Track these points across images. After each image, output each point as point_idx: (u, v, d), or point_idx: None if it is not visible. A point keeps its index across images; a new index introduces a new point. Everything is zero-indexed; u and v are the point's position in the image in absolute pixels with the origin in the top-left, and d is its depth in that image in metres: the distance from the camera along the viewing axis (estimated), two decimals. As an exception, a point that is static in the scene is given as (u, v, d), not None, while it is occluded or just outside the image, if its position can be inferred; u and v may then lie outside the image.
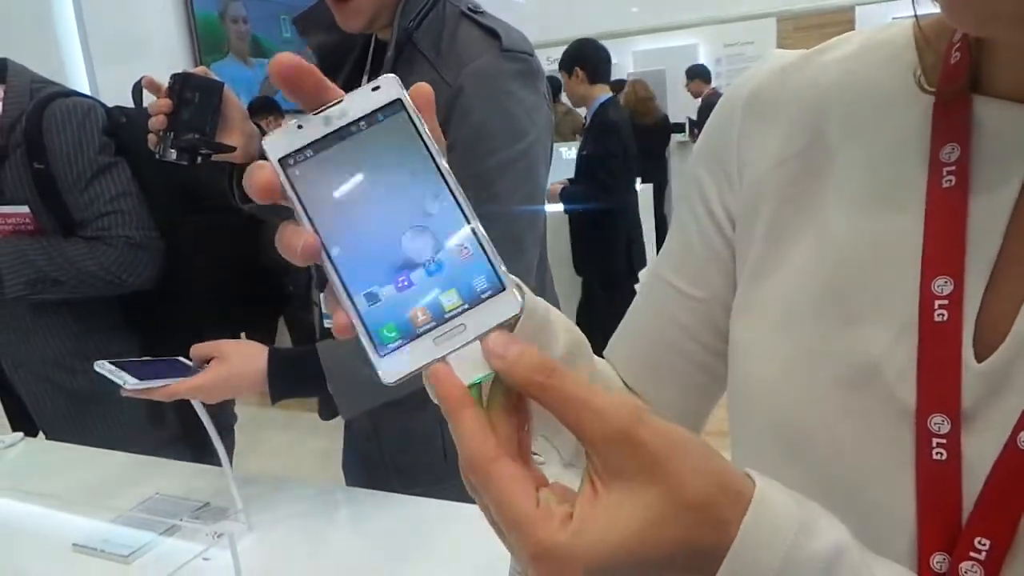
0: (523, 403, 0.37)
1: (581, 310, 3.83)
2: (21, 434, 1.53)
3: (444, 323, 0.35)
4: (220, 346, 1.05)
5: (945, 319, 0.43)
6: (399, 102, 0.36)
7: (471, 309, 0.34)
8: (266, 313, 1.71)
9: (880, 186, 0.49)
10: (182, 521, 1.08)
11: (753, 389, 0.54)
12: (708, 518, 0.33)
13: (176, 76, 1.10)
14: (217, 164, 1.25)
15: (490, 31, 1.07)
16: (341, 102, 0.36)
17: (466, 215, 0.35)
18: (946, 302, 0.44)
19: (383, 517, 1.11)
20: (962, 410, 0.43)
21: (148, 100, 1.55)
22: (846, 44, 0.54)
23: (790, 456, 0.50)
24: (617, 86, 7.14)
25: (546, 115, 1.12)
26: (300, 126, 0.36)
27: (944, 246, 0.44)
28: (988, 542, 0.41)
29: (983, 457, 0.42)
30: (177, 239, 1.51)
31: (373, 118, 0.36)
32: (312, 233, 0.36)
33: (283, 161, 0.36)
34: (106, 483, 1.30)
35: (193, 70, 1.11)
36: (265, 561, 1.02)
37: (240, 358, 1.06)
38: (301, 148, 0.36)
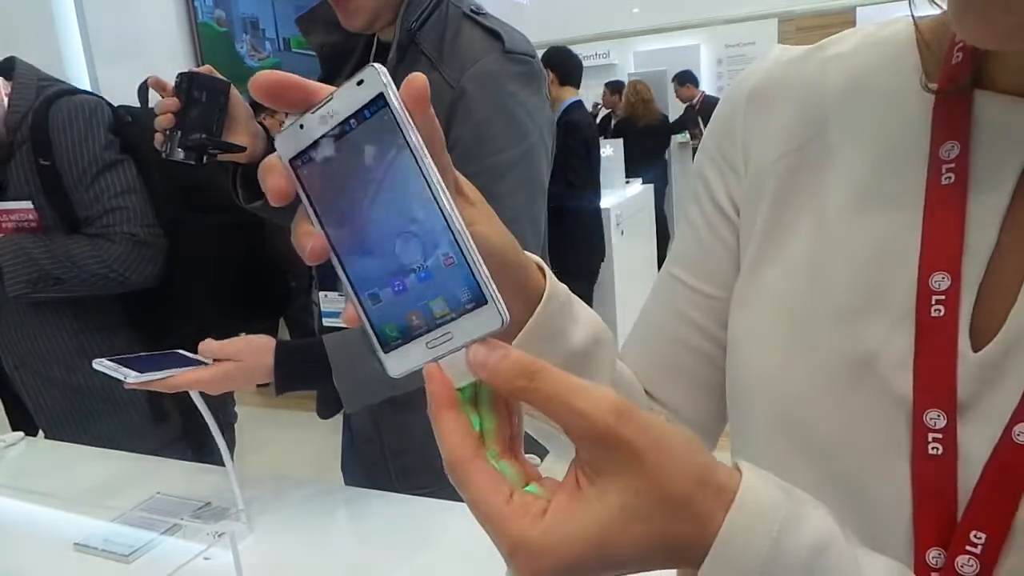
0: (509, 403, 0.37)
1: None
2: (22, 433, 1.54)
3: (435, 328, 0.35)
4: (227, 347, 1.05)
5: (942, 314, 0.44)
6: (382, 96, 0.34)
7: (457, 319, 0.34)
8: (267, 313, 1.71)
9: (880, 182, 0.49)
10: (183, 520, 1.08)
11: (751, 380, 0.54)
12: (688, 512, 0.33)
13: (183, 75, 1.09)
14: (221, 163, 1.25)
15: (492, 32, 1.08)
16: (331, 99, 0.35)
17: (448, 220, 0.34)
18: (943, 297, 0.44)
19: (383, 516, 1.11)
20: (958, 401, 0.43)
21: (153, 100, 1.56)
22: (848, 40, 0.55)
23: (789, 448, 0.51)
24: (615, 87, 7.16)
25: (547, 117, 1.12)
26: (302, 126, 0.36)
27: (942, 243, 0.45)
28: (984, 536, 0.41)
29: (979, 449, 0.42)
30: (180, 238, 1.51)
31: (360, 115, 0.35)
32: (321, 234, 0.36)
33: (293, 162, 0.36)
34: (107, 483, 1.30)
35: (198, 69, 1.11)
36: (266, 561, 1.02)
37: (248, 353, 1.05)
38: (306, 149, 0.36)
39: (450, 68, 1.06)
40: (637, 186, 4.77)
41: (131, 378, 0.99)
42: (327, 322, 1.21)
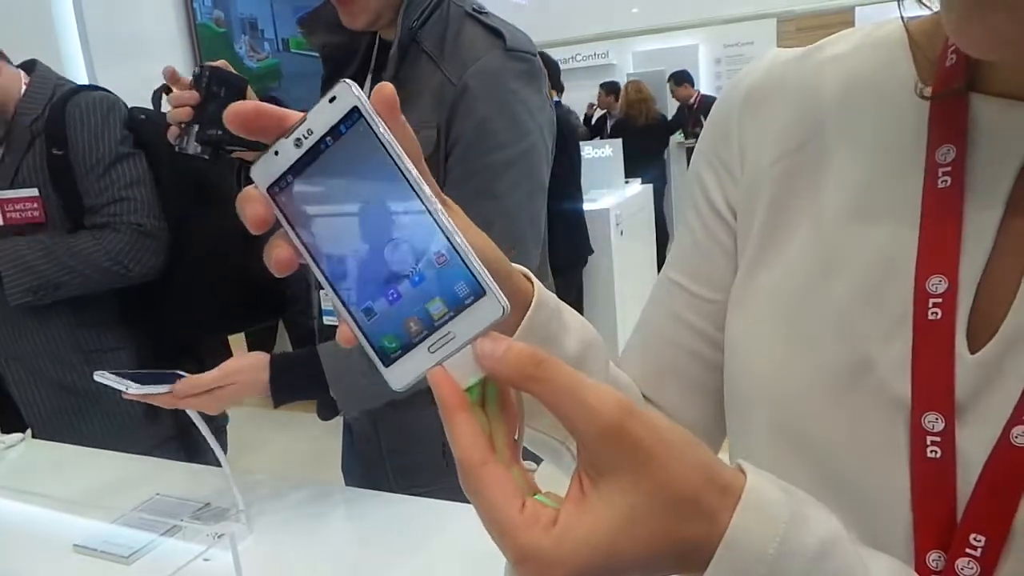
0: (511, 407, 0.37)
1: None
2: (20, 435, 1.53)
3: (435, 331, 0.35)
4: (219, 375, 1.06)
5: (939, 317, 0.44)
6: (356, 110, 0.34)
7: (457, 316, 0.34)
8: (265, 314, 1.71)
9: (876, 185, 0.49)
10: (183, 522, 1.08)
11: (749, 383, 0.54)
12: (697, 510, 0.33)
13: (203, 68, 1.08)
14: (229, 162, 1.25)
15: (494, 31, 1.08)
16: (305, 120, 0.35)
17: (436, 220, 0.34)
18: (940, 300, 0.44)
19: (383, 517, 1.11)
20: (956, 403, 0.43)
21: (166, 107, 1.57)
22: (844, 41, 0.55)
23: (788, 450, 0.50)
24: (610, 88, 7.15)
25: (548, 116, 1.12)
26: (276, 152, 0.36)
27: (939, 246, 0.45)
28: (983, 538, 0.41)
29: (977, 452, 0.42)
30: (183, 234, 1.52)
31: (336, 132, 0.35)
32: (294, 252, 0.36)
33: (270, 190, 0.36)
34: (107, 484, 1.30)
35: (215, 63, 1.10)
36: (266, 562, 1.02)
37: (243, 372, 1.07)
38: (282, 175, 0.36)
39: (452, 66, 1.06)
40: (636, 186, 4.77)
41: (132, 389, 1.01)
42: (327, 320, 1.22)
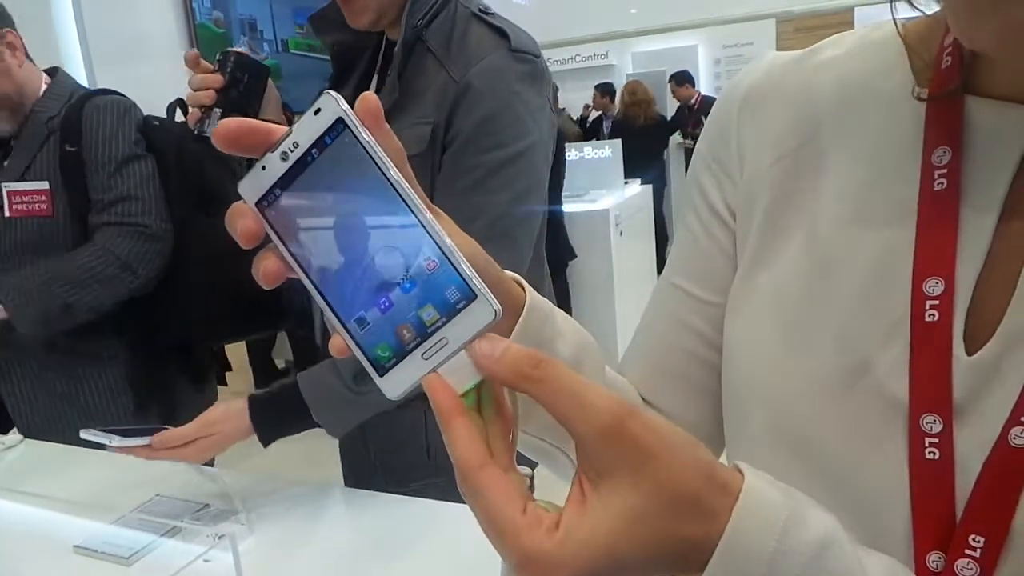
0: (506, 411, 0.37)
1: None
2: (20, 436, 1.53)
3: (428, 338, 0.35)
4: (199, 427, 1.07)
5: (936, 319, 0.44)
6: (341, 121, 0.34)
7: (449, 322, 0.34)
8: (265, 324, 1.70)
9: (873, 188, 0.49)
10: (183, 523, 1.08)
11: (747, 385, 0.54)
12: (697, 510, 0.33)
13: (228, 53, 1.09)
14: (234, 171, 1.26)
15: (499, 31, 1.09)
16: (290, 134, 0.35)
17: (425, 226, 0.34)
18: (937, 302, 0.44)
19: (384, 517, 1.11)
20: (954, 404, 0.43)
21: (179, 117, 1.58)
22: (842, 43, 0.55)
23: (786, 452, 0.51)
24: (605, 89, 7.14)
25: (548, 118, 1.13)
26: (264, 167, 0.36)
27: (935, 248, 0.45)
28: (982, 539, 0.41)
29: (975, 453, 0.42)
30: (185, 240, 1.53)
31: (321, 143, 0.35)
32: (283, 265, 0.37)
33: (259, 204, 0.37)
34: (107, 485, 1.30)
35: (239, 49, 1.11)
36: (266, 562, 1.02)
37: (222, 421, 1.08)
38: (270, 189, 0.36)
39: (456, 65, 1.07)
40: (636, 187, 4.78)
41: (115, 442, 1.05)
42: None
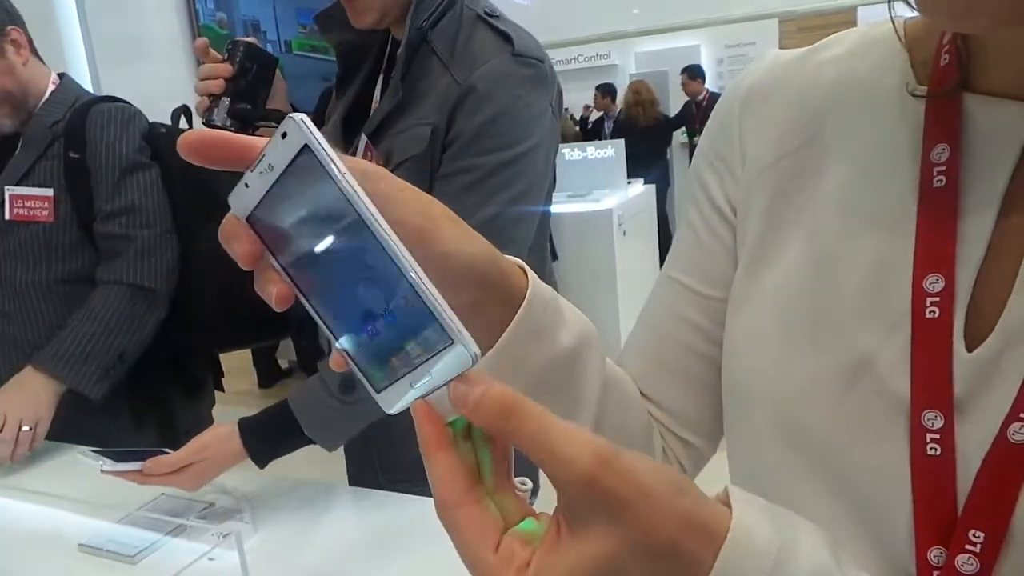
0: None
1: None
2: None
3: (415, 369, 0.33)
4: (190, 452, 1.07)
5: (936, 315, 0.44)
6: (307, 148, 0.32)
7: (432, 359, 0.32)
8: (270, 334, 1.69)
9: (873, 185, 0.49)
10: (188, 521, 1.08)
11: (749, 382, 0.54)
12: (675, 557, 0.32)
13: (237, 43, 1.10)
14: (237, 179, 1.25)
15: (503, 35, 1.09)
16: (264, 155, 0.34)
17: (398, 264, 0.32)
18: (937, 299, 0.44)
19: (387, 515, 1.12)
20: (955, 400, 0.43)
21: (184, 124, 1.58)
22: (842, 42, 0.55)
23: (789, 448, 0.51)
24: (606, 90, 7.13)
25: (549, 122, 1.13)
26: (247, 184, 0.35)
27: (935, 245, 0.45)
28: (982, 534, 0.41)
29: (976, 449, 0.42)
30: (189, 250, 1.52)
31: (292, 168, 0.33)
32: (289, 284, 0.35)
33: (249, 219, 0.35)
34: (112, 483, 1.29)
35: (247, 39, 1.12)
36: (271, 561, 1.03)
37: (213, 446, 1.08)
38: (256, 207, 0.35)
39: (459, 69, 1.07)
40: (639, 186, 4.78)
41: (107, 466, 1.05)
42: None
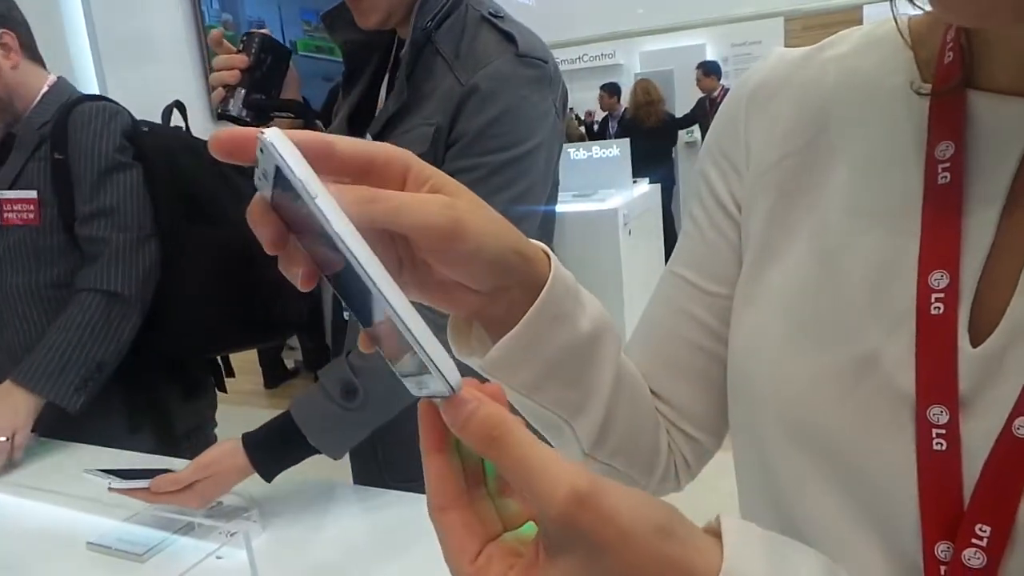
0: None
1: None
2: (33, 433, 1.53)
3: (419, 375, 0.33)
4: (194, 470, 1.07)
5: (941, 311, 0.44)
6: (278, 170, 0.31)
7: (424, 375, 0.32)
8: (262, 336, 1.67)
9: (878, 182, 0.49)
10: (196, 520, 1.08)
11: (754, 379, 0.54)
12: None
13: (252, 34, 1.11)
14: (224, 175, 1.25)
15: (507, 35, 1.09)
16: (257, 162, 0.33)
17: (377, 293, 0.31)
18: (942, 295, 0.45)
19: (393, 513, 1.12)
20: (960, 396, 0.43)
21: (174, 121, 1.57)
22: (847, 40, 0.55)
23: (797, 445, 0.51)
24: (612, 90, 7.11)
25: (552, 123, 1.13)
26: (259, 177, 0.34)
27: (940, 242, 0.45)
28: (989, 529, 0.42)
29: (981, 443, 0.42)
30: (175, 250, 1.50)
31: (279, 180, 0.32)
32: (316, 269, 0.35)
33: (272, 204, 0.35)
34: (119, 482, 1.30)
35: (261, 31, 1.13)
36: (279, 559, 1.03)
37: (218, 463, 1.08)
38: (270, 200, 0.34)
39: (463, 69, 1.07)
40: (644, 186, 4.77)
41: (115, 484, 1.05)
42: (348, 314, 1.22)
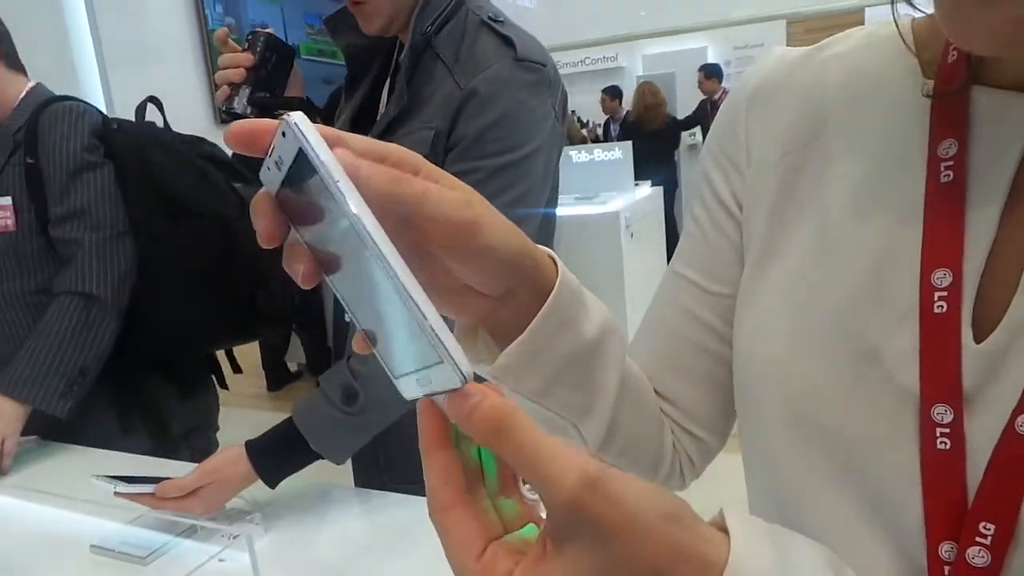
0: None
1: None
2: (36, 435, 1.53)
3: (421, 370, 0.33)
4: (198, 476, 1.07)
5: (944, 310, 0.44)
6: (302, 152, 0.32)
7: (432, 367, 0.32)
8: (244, 331, 1.66)
9: (880, 181, 0.49)
10: (199, 522, 1.08)
11: (758, 377, 0.54)
12: None
13: (257, 33, 1.13)
14: (203, 172, 1.25)
15: (506, 40, 1.09)
16: (273, 149, 0.33)
17: (391, 277, 0.31)
18: (945, 293, 0.45)
19: (395, 515, 1.12)
20: (964, 393, 0.43)
21: (149, 116, 1.57)
22: (848, 40, 0.55)
23: (802, 443, 0.51)
24: (614, 92, 7.11)
25: (551, 126, 1.13)
26: (268, 168, 0.34)
27: (943, 240, 0.45)
28: (993, 527, 0.41)
29: (985, 441, 0.42)
30: (150, 249, 1.50)
31: (296, 167, 0.32)
32: (317, 265, 0.35)
33: (279, 195, 0.35)
34: (122, 485, 1.30)
35: (266, 30, 1.14)
36: (282, 562, 1.03)
37: (221, 470, 1.08)
38: (279, 187, 0.34)
39: (463, 73, 1.08)
40: (646, 188, 4.77)
41: (120, 488, 1.05)
42: (349, 316, 1.22)
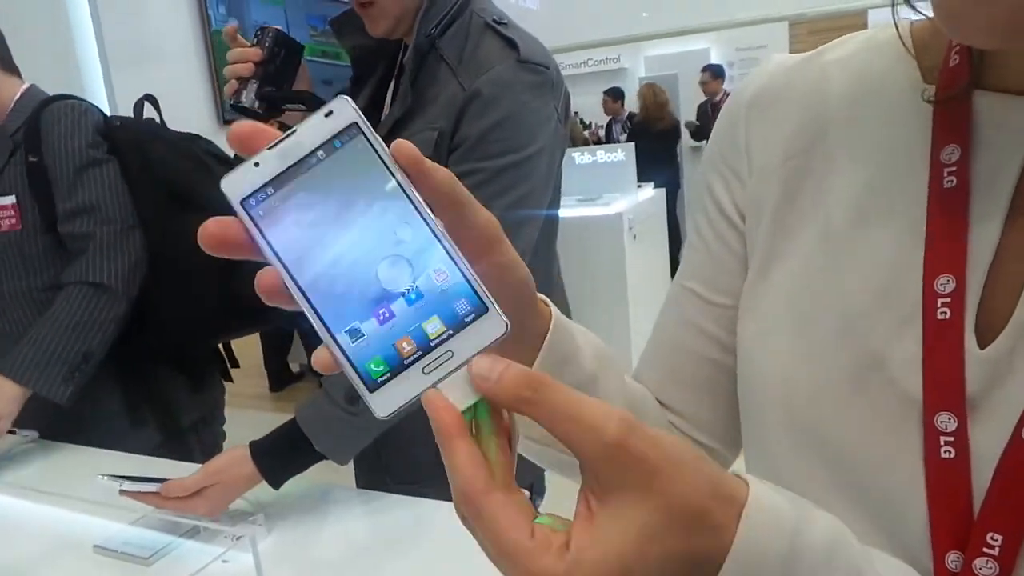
0: (504, 428, 0.36)
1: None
2: (36, 434, 1.53)
3: (431, 351, 0.33)
4: (203, 476, 1.07)
5: (948, 316, 0.44)
6: (355, 126, 0.34)
7: (456, 334, 0.33)
8: (250, 324, 1.67)
9: (883, 187, 0.49)
10: (202, 523, 1.08)
11: (762, 386, 0.54)
12: (705, 525, 0.33)
13: (266, 29, 1.14)
14: (206, 166, 1.25)
15: (509, 42, 1.10)
16: (295, 133, 0.34)
17: (438, 237, 0.33)
18: (948, 300, 0.44)
19: (397, 516, 1.12)
20: (968, 399, 0.43)
21: (147, 114, 1.57)
22: (848, 45, 0.55)
23: (805, 452, 0.50)
24: (616, 94, 7.10)
25: (555, 127, 1.13)
26: (257, 163, 0.34)
27: (946, 246, 0.45)
28: (1000, 537, 0.41)
29: (990, 449, 0.42)
30: (156, 243, 1.50)
31: (330, 146, 0.34)
32: (277, 272, 0.34)
33: (244, 203, 0.34)
34: (125, 485, 1.30)
35: (273, 27, 1.15)
36: (285, 563, 1.03)
37: (226, 471, 1.08)
38: (262, 187, 0.34)
39: (467, 75, 1.08)
40: (649, 190, 4.77)
41: (126, 486, 1.06)
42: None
